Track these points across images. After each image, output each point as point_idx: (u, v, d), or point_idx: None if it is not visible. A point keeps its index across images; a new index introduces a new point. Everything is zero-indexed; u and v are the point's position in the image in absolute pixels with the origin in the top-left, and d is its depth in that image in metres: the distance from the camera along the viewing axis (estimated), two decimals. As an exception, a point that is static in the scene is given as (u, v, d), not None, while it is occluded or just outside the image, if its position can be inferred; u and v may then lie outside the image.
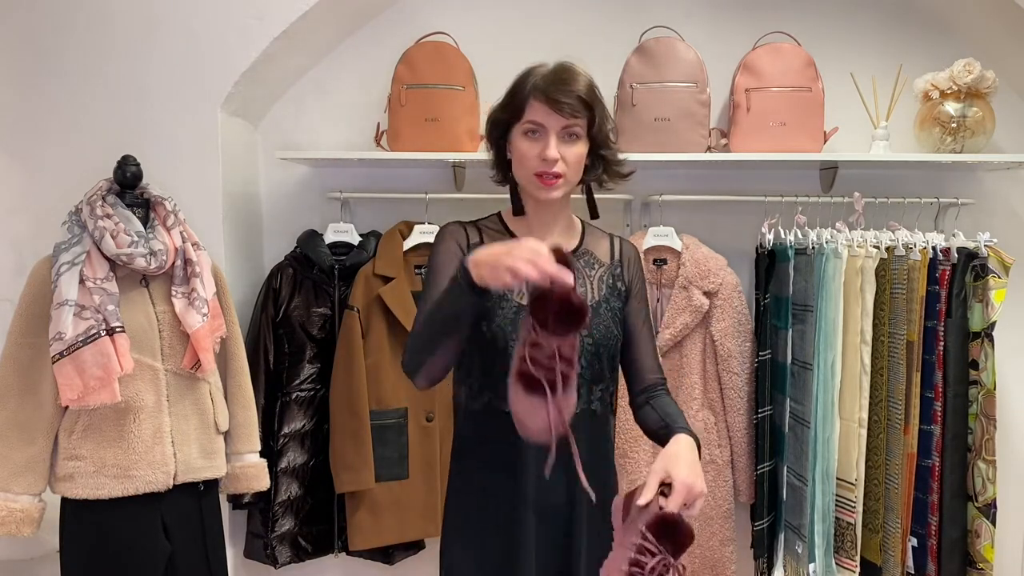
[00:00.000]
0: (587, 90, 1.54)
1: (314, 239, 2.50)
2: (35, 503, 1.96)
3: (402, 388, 2.41)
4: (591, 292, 1.61)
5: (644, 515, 1.39)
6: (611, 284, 1.64)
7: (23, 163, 2.40)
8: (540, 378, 1.32)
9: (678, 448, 1.45)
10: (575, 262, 1.48)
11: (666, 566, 1.36)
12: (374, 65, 2.61)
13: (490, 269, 1.33)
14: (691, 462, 1.42)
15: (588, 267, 1.63)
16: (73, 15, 2.36)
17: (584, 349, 1.54)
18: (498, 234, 1.65)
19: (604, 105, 1.59)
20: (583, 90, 1.53)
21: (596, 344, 1.57)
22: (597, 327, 1.57)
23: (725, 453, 2.48)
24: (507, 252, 1.31)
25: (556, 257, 1.31)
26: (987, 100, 2.44)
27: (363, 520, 2.41)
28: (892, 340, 2.31)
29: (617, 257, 1.67)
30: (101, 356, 1.88)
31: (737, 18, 2.63)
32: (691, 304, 2.43)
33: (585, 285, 1.61)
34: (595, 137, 1.57)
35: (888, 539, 2.32)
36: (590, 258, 1.65)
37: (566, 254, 1.34)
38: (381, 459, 2.41)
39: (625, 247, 1.71)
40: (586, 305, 1.34)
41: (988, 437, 2.25)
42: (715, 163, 2.49)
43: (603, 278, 1.64)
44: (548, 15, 2.66)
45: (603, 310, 1.60)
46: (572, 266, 1.33)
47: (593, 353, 1.57)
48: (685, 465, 1.41)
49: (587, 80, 1.56)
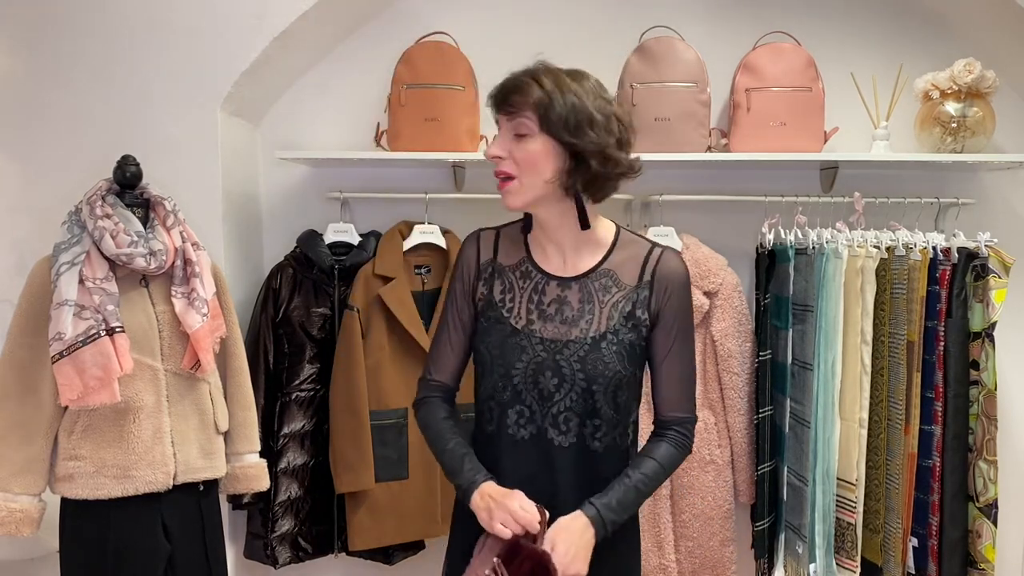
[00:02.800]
0: (526, 86, 1.42)
1: (314, 239, 2.50)
2: (35, 503, 1.96)
3: (402, 388, 2.41)
4: (596, 322, 1.50)
5: (501, 546, 1.45)
6: (627, 312, 1.50)
7: (23, 163, 2.40)
8: None
9: (571, 526, 1.45)
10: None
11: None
12: (374, 65, 2.61)
13: (483, 513, 1.46)
14: (576, 545, 1.43)
15: (603, 291, 1.51)
16: (73, 15, 2.36)
17: (574, 383, 1.48)
18: (512, 246, 1.59)
19: (563, 102, 1.42)
20: (522, 86, 1.42)
21: (587, 380, 1.48)
22: (592, 362, 1.47)
23: (725, 453, 2.48)
24: (494, 508, 1.43)
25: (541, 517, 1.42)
26: (987, 100, 2.43)
27: (363, 520, 2.41)
28: (892, 340, 2.31)
29: (648, 279, 1.51)
30: (101, 356, 1.88)
31: (737, 18, 2.63)
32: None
33: (593, 312, 1.50)
34: (557, 137, 1.42)
35: (889, 539, 2.32)
36: (608, 280, 1.51)
37: (543, 521, 1.43)
38: (381, 459, 2.41)
39: (663, 267, 1.51)
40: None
41: (989, 437, 2.25)
42: (715, 163, 2.49)
43: (618, 304, 1.50)
44: (548, 15, 2.66)
45: (604, 344, 1.48)
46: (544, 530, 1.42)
47: (584, 389, 1.49)
48: (570, 544, 1.43)
49: (534, 77, 1.43)
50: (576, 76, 1.46)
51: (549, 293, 1.52)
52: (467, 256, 1.61)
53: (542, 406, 1.50)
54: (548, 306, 1.51)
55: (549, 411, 1.50)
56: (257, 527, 2.48)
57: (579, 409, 1.49)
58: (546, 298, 1.52)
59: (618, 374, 1.48)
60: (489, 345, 1.53)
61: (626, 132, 1.46)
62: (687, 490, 2.45)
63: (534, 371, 1.50)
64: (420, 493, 2.44)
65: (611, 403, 1.50)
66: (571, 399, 1.49)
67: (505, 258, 1.57)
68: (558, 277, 1.53)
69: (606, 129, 1.43)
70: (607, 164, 1.45)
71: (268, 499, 2.41)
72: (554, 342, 1.50)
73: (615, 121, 1.45)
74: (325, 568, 2.64)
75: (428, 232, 2.49)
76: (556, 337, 1.50)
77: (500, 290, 1.55)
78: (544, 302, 1.52)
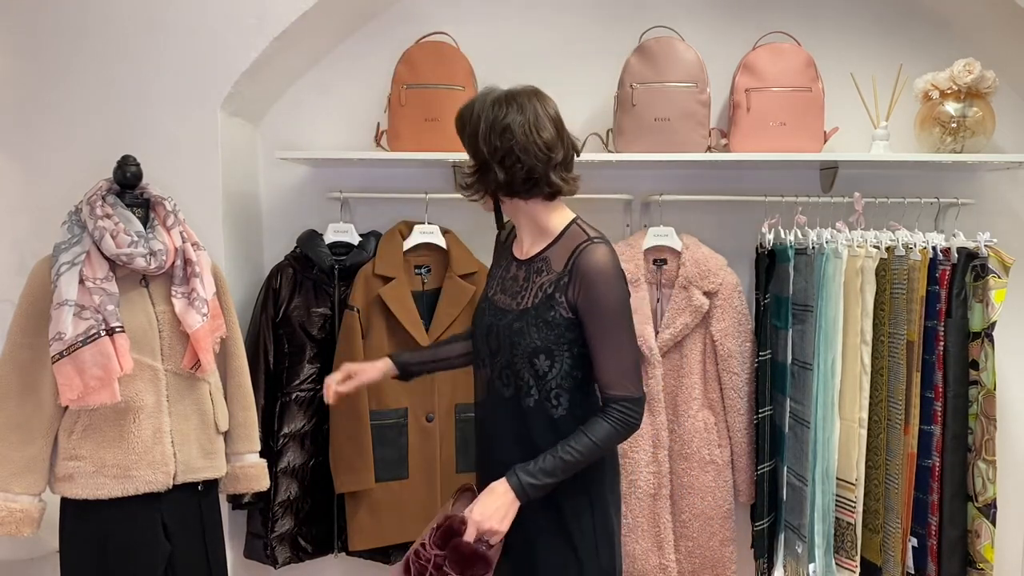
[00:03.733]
0: (457, 116, 1.76)
1: (314, 239, 2.50)
2: (35, 503, 1.96)
3: (402, 388, 2.40)
4: (527, 298, 1.74)
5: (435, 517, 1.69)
6: (548, 293, 1.71)
7: (23, 163, 2.40)
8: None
9: (492, 488, 1.66)
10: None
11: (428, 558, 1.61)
12: (374, 65, 2.61)
13: None
14: (495, 505, 1.64)
15: (537, 273, 1.75)
16: (73, 16, 2.36)
17: (505, 346, 1.75)
18: (512, 233, 1.90)
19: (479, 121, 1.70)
20: (455, 122, 1.77)
21: (512, 344, 1.73)
22: (516, 330, 1.72)
23: (725, 453, 2.48)
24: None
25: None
26: (987, 100, 2.43)
27: (363, 520, 2.41)
28: (892, 340, 2.31)
29: (570, 267, 1.70)
30: (101, 356, 1.88)
31: (737, 18, 2.63)
32: (691, 304, 2.43)
33: (528, 290, 1.75)
34: (475, 155, 1.74)
35: (888, 539, 2.32)
36: (542, 265, 1.75)
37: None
38: (381, 459, 2.41)
39: (583, 258, 1.69)
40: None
41: (988, 437, 2.25)
42: (715, 163, 2.49)
43: (544, 286, 1.73)
44: (548, 15, 2.66)
45: (527, 317, 1.72)
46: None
47: (510, 352, 1.74)
48: (486, 505, 1.64)
49: (467, 103, 1.75)
50: (498, 101, 1.70)
51: (511, 271, 1.82)
52: (496, 241, 1.96)
53: (491, 361, 1.79)
54: (508, 280, 1.82)
55: (495, 365, 1.79)
56: (257, 527, 2.48)
57: (510, 368, 1.75)
58: (508, 275, 1.82)
59: (532, 342, 1.71)
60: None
61: (523, 145, 1.67)
62: (687, 490, 2.46)
63: (485, 333, 1.81)
64: (420, 493, 2.44)
65: (529, 367, 1.72)
66: (504, 359, 1.76)
67: (508, 243, 1.90)
68: (517, 259, 1.82)
69: (492, 144, 1.68)
70: (494, 171, 1.70)
71: (268, 499, 2.41)
72: (499, 311, 1.79)
73: (505, 137, 1.67)
74: (325, 568, 2.64)
75: (428, 232, 2.49)
76: (503, 307, 1.79)
77: (494, 266, 1.90)
78: (507, 278, 1.82)
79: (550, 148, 1.69)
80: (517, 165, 1.68)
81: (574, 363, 1.72)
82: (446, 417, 2.46)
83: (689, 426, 2.45)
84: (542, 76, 2.63)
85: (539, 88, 1.76)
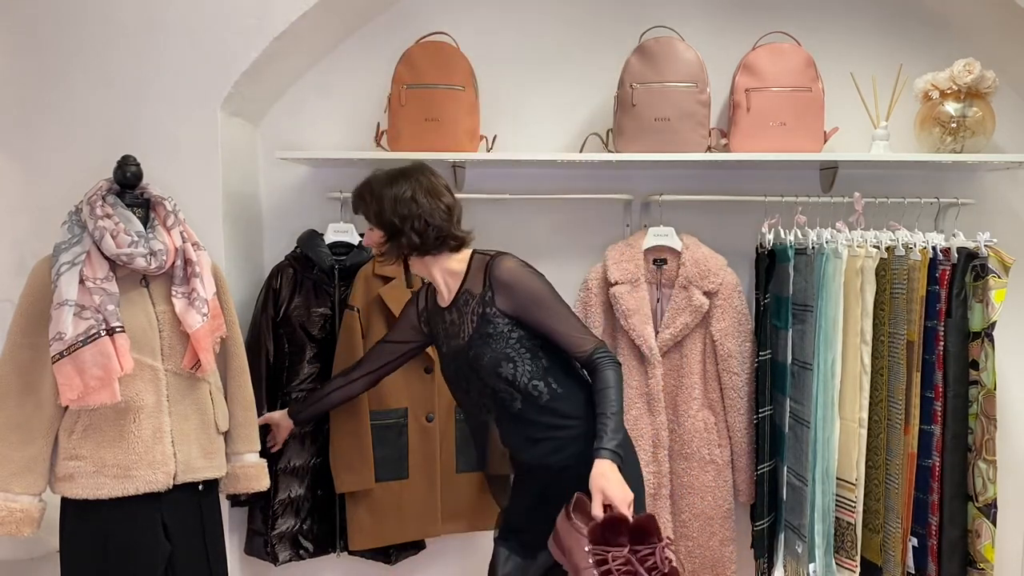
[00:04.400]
0: (354, 193, 2.02)
1: (314, 239, 2.50)
2: (35, 503, 1.96)
3: (402, 388, 2.41)
4: (466, 330, 1.97)
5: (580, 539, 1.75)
6: (481, 313, 1.94)
7: (23, 163, 2.40)
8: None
9: (601, 471, 1.81)
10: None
11: (627, 559, 1.70)
12: (374, 65, 2.61)
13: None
14: (616, 482, 1.80)
15: (464, 305, 1.98)
16: (74, 15, 2.36)
17: (471, 377, 1.98)
18: (430, 292, 2.13)
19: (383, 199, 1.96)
20: (354, 193, 2.02)
21: (474, 371, 1.96)
22: (472, 359, 1.95)
23: (725, 453, 2.48)
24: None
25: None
26: (987, 100, 2.43)
27: (363, 520, 2.41)
28: (892, 340, 2.31)
29: (489, 283, 1.95)
30: (101, 356, 1.88)
31: (737, 18, 2.63)
32: (691, 304, 2.43)
33: (463, 323, 1.98)
34: (372, 222, 1.99)
35: (888, 539, 2.32)
36: (467, 296, 1.98)
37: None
38: (381, 459, 2.40)
39: (494, 274, 1.95)
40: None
41: (988, 437, 2.25)
42: (715, 163, 2.49)
43: (474, 311, 1.96)
44: (548, 15, 2.66)
45: (476, 341, 1.94)
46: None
47: (478, 378, 1.96)
48: (615, 487, 1.79)
49: (362, 185, 2.01)
50: (391, 179, 1.98)
51: (446, 319, 2.04)
52: (408, 311, 2.19)
53: (467, 399, 2.05)
54: (448, 328, 2.03)
55: (472, 402, 2.04)
56: (258, 524, 2.48)
57: (485, 391, 1.98)
58: (445, 323, 2.04)
59: (490, 358, 1.93)
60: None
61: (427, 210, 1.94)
62: (687, 490, 2.46)
63: (454, 376, 2.05)
64: (420, 493, 2.44)
65: (498, 379, 1.94)
66: (477, 387, 1.99)
67: (430, 305, 2.11)
68: (443, 307, 2.04)
69: (400, 213, 1.94)
70: (407, 235, 1.95)
71: (268, 497, 2.40)
72: (452, 354, 2.02)
73: (411, 205, 1.94)
74: (325, 567, 2.64)
75: (428, 232, 2.48)
76: (454, 350, 2.01)
77: (433, 328, 2.11)
78: (446, 326, 2.04)
79: (450, 209, 1.99)
80: (428, 228, 1.94)
81: (532, 355, 1.94)
82: (446, 417, 2.46)
83: (689, 426, 2.45)
84: (542, 76, 2.66)
85: (423, 163, 2.05)
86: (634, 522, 1.75)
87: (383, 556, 2.50)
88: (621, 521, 1.74)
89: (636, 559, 1.70)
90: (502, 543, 2.08)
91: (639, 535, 1.74)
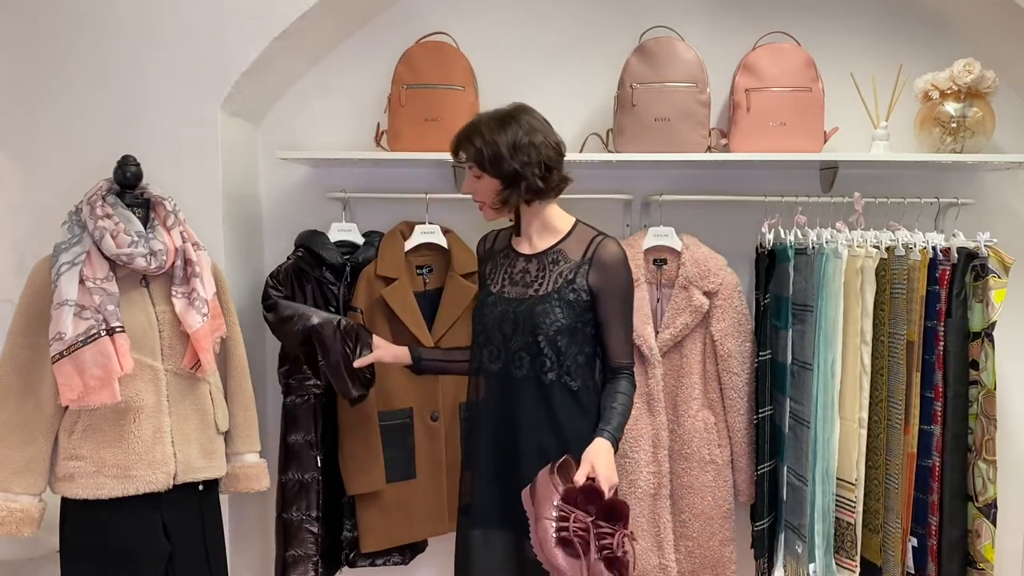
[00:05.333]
0: (466, 140, 1.95)
1: (320, 237, 2.47)
2: (35, 503, 1.96)
3: (407, 388, 2.41)
4: (545, 285, 1.96)
5: (553, 494, 1.78)
6: (569, 279, 1.95)
7: (23, 163, 2.40)
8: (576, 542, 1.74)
9: (599, 448, 1.86)
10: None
11: (586, 526, 1.74)
12: (374, 65, 2.61)
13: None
14: (608, 461, 1.85)
15: (553, 264, 1.98)
16: (74, 15, 2.36)
17: (524, 329, 1.94)
18: (503, 239, 2.10)
19: (490, 148, 1.90)
20: (463, 141, 1.96)
21: (534, 327, 1.93)
22: (539, 314, 1.93)
23: (725, 453, 2.48)
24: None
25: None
26: (987, 100, 2.44)
27: (374, 521, 2.40)
28: (892, 340, 2.31)
29: (589, 257, 1.96)
30: (101, 356, 1.88)
31: (737, 18, 2.63)
32: (691, 304, 2.43)
33: (544, 278, 1.97)
34: (492, 173, 1.92)
35: (888, 539, 2.32)
36: (558, 255, 1.99)
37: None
38: (389, 460, 2.40)
39: (600, 253, 1.96)
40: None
41: (988, 437, 2.25)
42: (715, 163, 2.49)
43: (563, 273, 1.96)
44: (548, 15, 2.66)
45: (552, 299, 1.94)
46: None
47: (531, 333, 1.93)
48: (607, 465, 1.84)
49: (470, 132, 1.94)
50: (501, 123, 1.92)
51: (518, 266, 2.02)
52: (478, 251, 2.18)
53: (505, 346, 1.98)
54: (516, 274, 2.02)
55: (509, 350, 1.97)
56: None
57: (529, 349, 1.95)
58: (515, 269, 2.02)
59: (557, 322, 1.93)
60: (477, 303, 2.09)
61: (546, 152, 1.92)
62: (687, 490, 2.46)
63: (498, 320, 1.99)
64: (428, 492, 2.44)
65: (552, 345, 1.94)
66: (523, 340, 1.95)
67: (498, 246, 2.11)
68: (524, 254, 2.03)
69: (521, 159, 1.90)
70: (529, 181, 1.92)
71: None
72: (514, 299, 1.99)
73: (531, 150, 1.90)
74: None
75: (429, 232, 2.48)
76: (516, 296, 1.99)
77: (490, 268, 2.08)
78: (514, 272, 2.02)
79: (560, 145, 1.97)
80: (550, 171, 1.93)
81: (585, 340, 1.97)
82: (451, 416, 2.47)
83: (689, 426, 2.45)
84: (542, 76, 2.66)
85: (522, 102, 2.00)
86: (608, 500, 1.78)
87: (384, 560, 2.49)
88: (598, 495, 1.78)
89: (595, 532, 1.73)
90: (476, 527, 2.01)
91: (608, 515, 1.77)
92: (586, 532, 1.74)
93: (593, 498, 1.78)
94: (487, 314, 2.02)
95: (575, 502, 1.77)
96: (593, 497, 1.78)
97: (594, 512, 1.76)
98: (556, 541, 1.74)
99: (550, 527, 1.75)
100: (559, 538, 1.74)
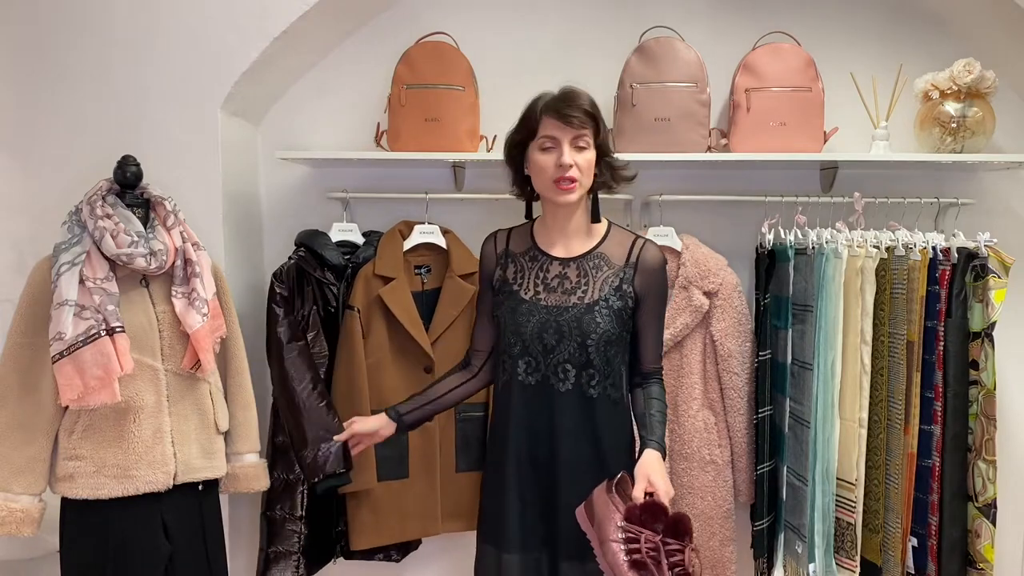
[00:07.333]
0: (590, 104, 1.83)
1: (321, 237, 2.47)
2: (35, 503, 1.97)
3: (402, 387, 2.41)
4: (591, 292, 1.87)
5: (614, 513, 1.73)
6: (616, 285, 1.87)
7: (23, 163, 2.40)
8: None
9: (651, 460, 1.80)
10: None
11: (657, 545, 1.68)
12: (374, 65, 2.61)
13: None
14: (663, 472, 1.79)
15: (596, 269, 1.89)
16: (73, 15, 2.37)
17: (571, 339, 1.85)
18: (521, 238, 1.98)
19: (603, 118, 1.86)
20: (587, 104, 1.82)
21: (583, 336, 1.84)
22: (587, 322, 1.84)
23: (725, 453, 2.48)
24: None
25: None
26: (987, 100, 2.43)
27: (365, 519, 2.41)
28: (892, 340, 2.31)
29: (633, 261, 1.89)
30: (101, 356, 1.88)
31: (737, 18, 2.63)
32: (691, 304, 2.43)
33: (588, 284, 1.88)
34: (600, 146, 1.86)
35: (888, 539, 2.32)
36: (600, 260, 1.90)
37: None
38: (382, 459, 2.40)
39: (645, 255, 1.90)
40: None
41: (988, 437, 2.25)
42: (715, 163, 2.49)
43: (608, 279, 1.88)
44: (548, 15, 2.66)
45: (597, 309, 1.85)
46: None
47: (580, 343, 1.84)
48: (660, 476, 1.77)
49: (588, 97, 1.84)
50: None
51: (552, 271, 1.91)
52: (486, 252, 2.02)
53: (545, 358, 1.87)
54: (552, 280, 1.90)
55: (551, 362, 1.86)
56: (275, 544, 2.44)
57: (576, 360, 1.86)
58: (549, 274, 1.91)
59: (607, 332, 1.85)
60: (503, 312, 1.93)
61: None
62: (687, 490, 2.46)
63: (539, 330, 1.87)
64: (420, 492, 2.44)
65: (602, 356, 1.86)
66: (568, 352, 1.85)
67: (516, 247, 1.98)
68: (559, 258, 1.92)
69: (609, 137, 1.89)
70: (615, 165, 1.91)
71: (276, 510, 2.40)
72: (555, 307, 1.87)
73: (608, 134, 1.89)
74: (326, 571, 2.64)
75: (428, 232, 2.49)
76: (557, 303, 1.88)
77: (512, 271, 1.95)
78: (548, 278, 1.91)
79: None
80: (614, 163, 1.92)
81: (626, 348, 1.93)
82: (446, 417, 2.46)
83: (689, 426, 2.45)
84: (542, 76, 2.63)
85: None
86: (672, 516, 1.73)
87: (382, 556, 2.49)
88: (660, 510, 1.73)
89: (664, 550, 1.68)
90: (510, 552, 1.90)
91: (673, 530, 1.72)
92: (657, 552, 1.69)
93: (656, 514, 1.73)
94: (522, 323, 1.88)
95: (639, 520, 1.72)
96: (655, 513, 1.73)
97: (660, 529, 1.72)
98: (629, 565, 1.68)
99: (619, 550, 1.69)
100: (631, 561, 1.68)
